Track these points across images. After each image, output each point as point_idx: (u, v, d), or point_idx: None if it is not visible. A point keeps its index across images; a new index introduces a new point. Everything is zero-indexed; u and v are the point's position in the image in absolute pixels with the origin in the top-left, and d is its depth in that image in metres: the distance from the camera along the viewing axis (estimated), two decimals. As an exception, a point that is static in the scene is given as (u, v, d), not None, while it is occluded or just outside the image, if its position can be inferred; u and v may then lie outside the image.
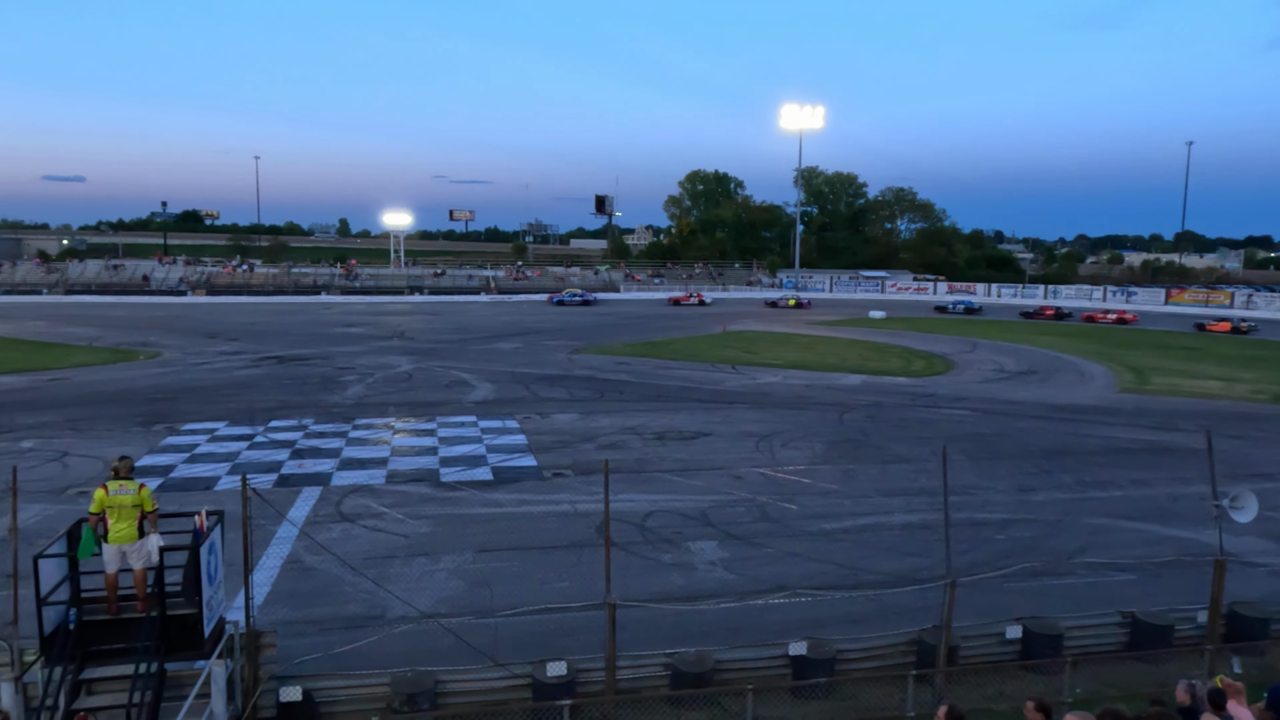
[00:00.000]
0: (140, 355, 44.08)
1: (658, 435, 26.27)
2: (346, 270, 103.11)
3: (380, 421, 28.05)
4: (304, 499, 19.58)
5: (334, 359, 42.92)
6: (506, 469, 22.30)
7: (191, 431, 26.14)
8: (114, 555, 8.95)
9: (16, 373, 37.69)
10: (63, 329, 56.18)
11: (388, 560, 15.81)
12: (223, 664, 9.10)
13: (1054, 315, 76.81)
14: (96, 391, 33.17)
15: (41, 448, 23.92)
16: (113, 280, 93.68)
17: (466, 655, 11.12)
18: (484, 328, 61.35)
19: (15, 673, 8.79)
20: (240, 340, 51.13)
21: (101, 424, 27.15)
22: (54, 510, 18.06)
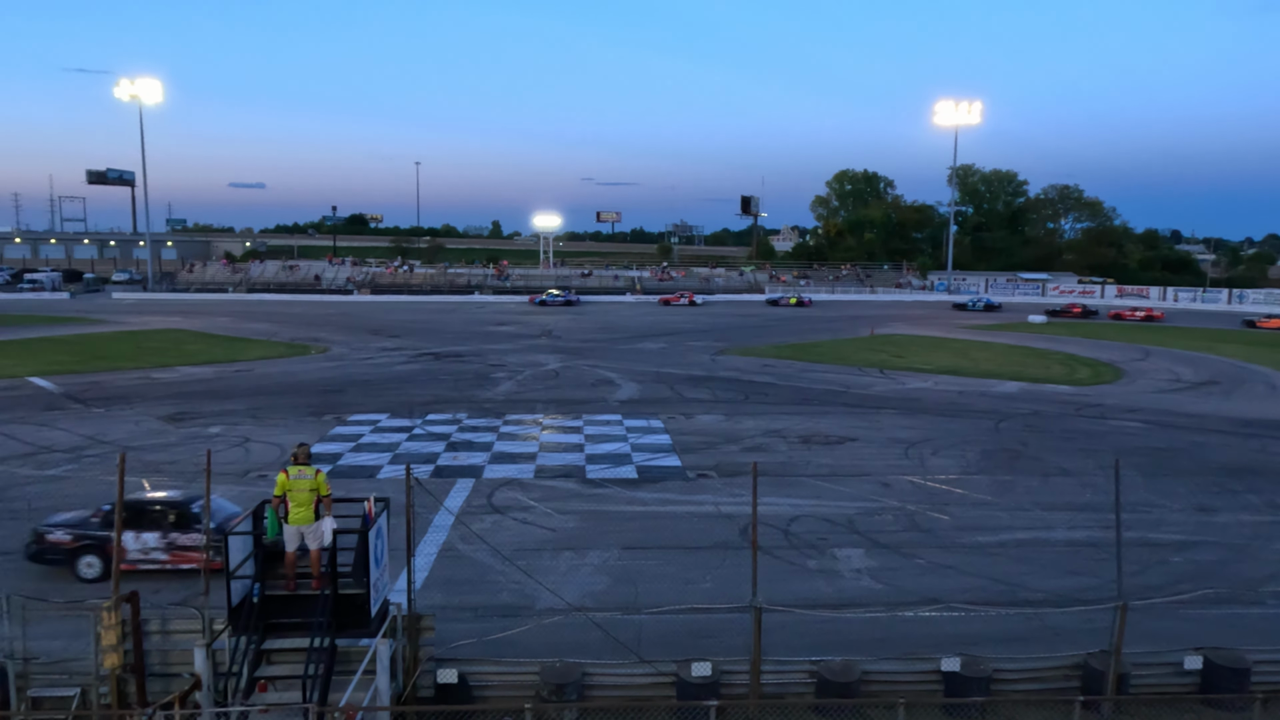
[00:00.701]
0: (312, 350, 47.13)
1: (803, 439, 25.89)
2: (498, 271, 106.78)
3: (529, 418, 28.90)
4: (458, 490, 20.41)
5: (486, 356, 44.54)
6: (651, 468, 22.52)
7: (357, 422, 27.73)
8: (293, 535, 9.61)
9: (205, 364, 41.08)
10: (245, 325, 60.74)
11: (536, 552, 16.27)
12: (387, 643, 9.61)
13: (1080, 313, 76.45)
14: (273, 383, 35.70)
15: (226, 433, 25.96)
16: (288, 280, 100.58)
17: (612, 650, 11.30)
18: (629, 327, 62.17)
19: (206, 639, 9.57)
20: (400, 337, 53.81)
21: (278, 413, 29.20)
22: (237, 491, 19.53)
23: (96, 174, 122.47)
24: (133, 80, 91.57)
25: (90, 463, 22.65)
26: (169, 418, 28.39)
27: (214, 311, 72.55)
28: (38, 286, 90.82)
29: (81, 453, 23.71)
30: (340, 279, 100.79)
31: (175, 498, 15.73)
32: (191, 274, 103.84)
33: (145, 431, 26.29)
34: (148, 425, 27.25)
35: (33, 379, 35.85)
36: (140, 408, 30.05)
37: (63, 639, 11.16)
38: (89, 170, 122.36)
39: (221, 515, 14.74)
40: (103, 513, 15.02)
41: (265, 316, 67.79)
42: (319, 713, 8.30)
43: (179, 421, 27.85)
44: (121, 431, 26.26)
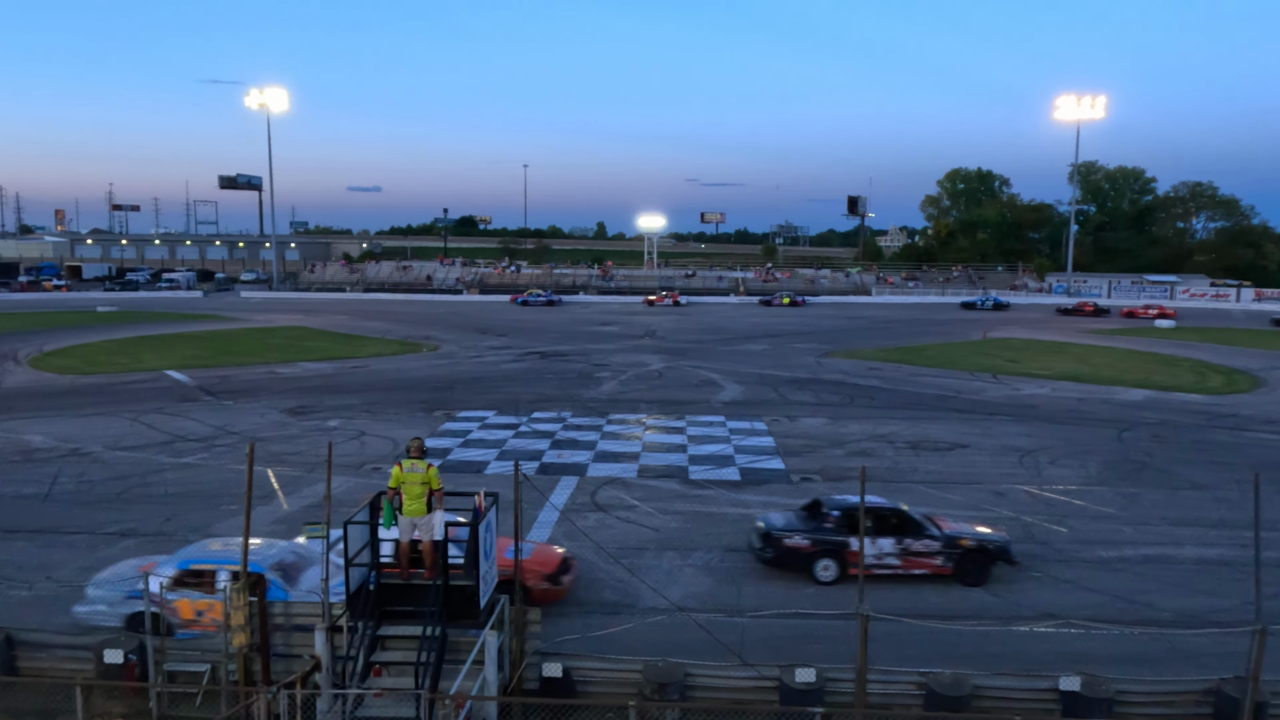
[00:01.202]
0: (423, 348, 48.68)
1: (911, 444, 25.24)
2: (603, 271, 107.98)
3: (632, 417, 29.09)
4: (562, 487, 20.71)
5: (590, 356, 45.08)
6: (754, 470, 22.36)
7: (465, 419, 28.48)
8: (406, 526, 9.94)
9: (324, 360, 42.94)
10: (361, 323, 63.20)
11: (639, 551, 16.36)
12: (495, 635, 9.84)
13: (1093, 312, 78.11)
14: (387, 379, 37.02)
15: (344, 427, 27.05)
16: (402, 280, 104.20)
17: (714, 651, 11.26)
18: (732, 329, 61.90)
19: (326, 624, 10.00)
20: (507, 336, 55.01)
21: (391, 408, 30.26)
22: (354, 482, 20.34)
23: (228, 179, 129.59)
24: (261, 90, 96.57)
25: (220, 451, 23.97)
26: (291, 411, 29.78)
27: (333, 310, 75.77)
28: (174, 285, 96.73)
29: (212, 442, 25.10)
30: (450, 279, 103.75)
31: (896, 507, 15.71)
32: (313, 274, 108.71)
33: (269, 423, 27.65)
34: (271, 417, 28.65)
35: (170, 372, 38.19)
36: (265, 401, 31.62)
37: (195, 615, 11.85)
38: (221, 176, 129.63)
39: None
40: (833, 519, 15.29)
41: (380, 315, 70.36)
42: (430, 699, 8.55)
43: (300, 414, 29.18)
44: (248, 423, 27.69)
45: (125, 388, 34.38)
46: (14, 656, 11.52)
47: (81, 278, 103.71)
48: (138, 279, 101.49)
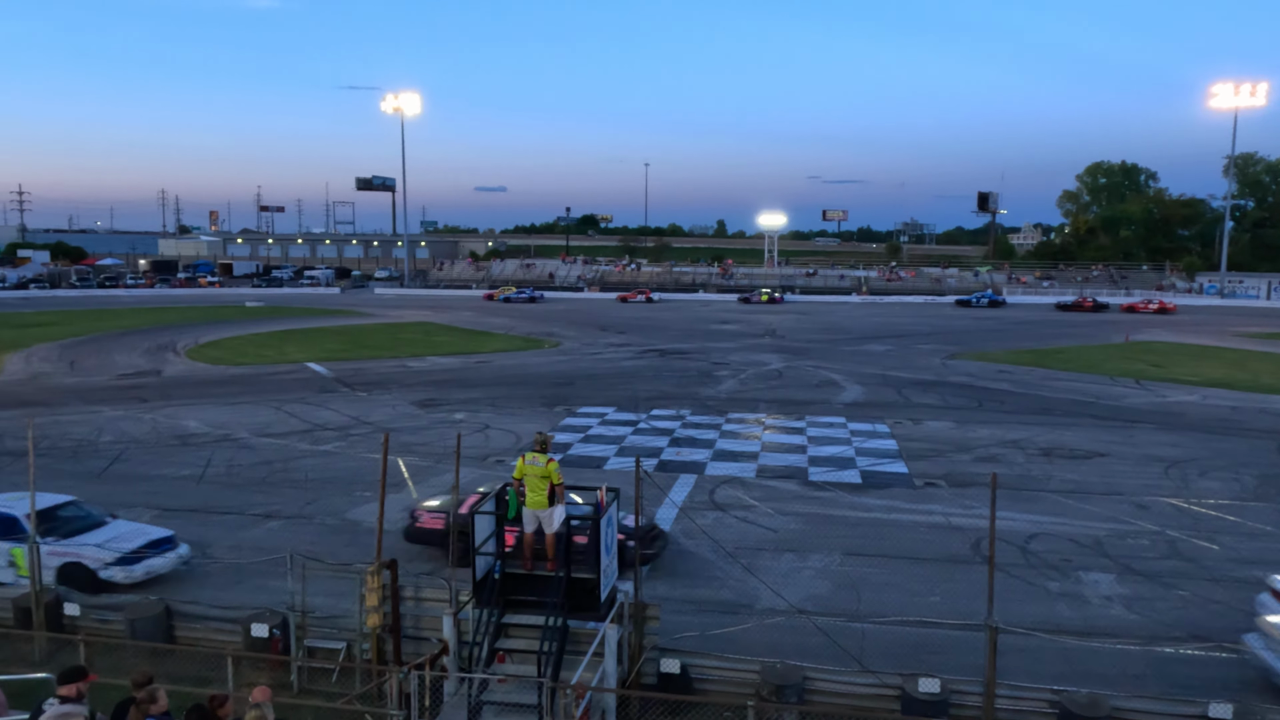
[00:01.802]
0: (545, 344, 49.74)
1: (1044, 451, 24.14)
2: (723, 269, 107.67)
3: (751, 417, 28.91)
4: (680, 485, 20.78)
5: (709, 354, 45.03)
6: (876, 474, 21.86)
7: (585, 414, 28.94)
8: (529, 518, 10.19)
9: (451, 355, 44.45)
10: (485, 319, 65.12)
11: (757, 552, 16.24)
12: (615, 628, 9.98)
13: (1091, 307, 76.01)
14: (510, 374, 38.01)
15: (469, 420, 27.93)
16: (525, 277, 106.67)
17: (834, 656, 11.08)
18: (854, 328, 60.66)
19: (453, 609, 10.37)
20: (627, 334, 55.57)
21: (514, 403, 31.05)
22: (478, 474, 20.96)
23: (364, 181, 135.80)
24: (396, 95, 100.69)
25: (355, 440, 25.15)
26: (420, 403, 30.96)
27: (458, 306, 78.31)
28: (314, 282, 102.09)
29: (348, 431, 26.36)
30: (572, 277, 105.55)
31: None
32: (441, 271, 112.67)
33: (400, 415, 28.83)
34: (402, 409, 29.87)
35: (310, 364, 40.33)
36: (396, 393, 32.99)
37: (332, 597, 12.50)
38: (358, 178, 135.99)
39: None
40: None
41: (504, 312, 72.27)
42: (552, 688, 8.75)
43: (428, 407, 30.30)
44: (381, 414, 28.95)
45: (270, 378, 36.51)
46: (172, 626, 12.42)
47: (232, 274, 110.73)
48: (282, 276, 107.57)
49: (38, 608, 12.50)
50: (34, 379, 36.24)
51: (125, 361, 41.21)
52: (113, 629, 12.44)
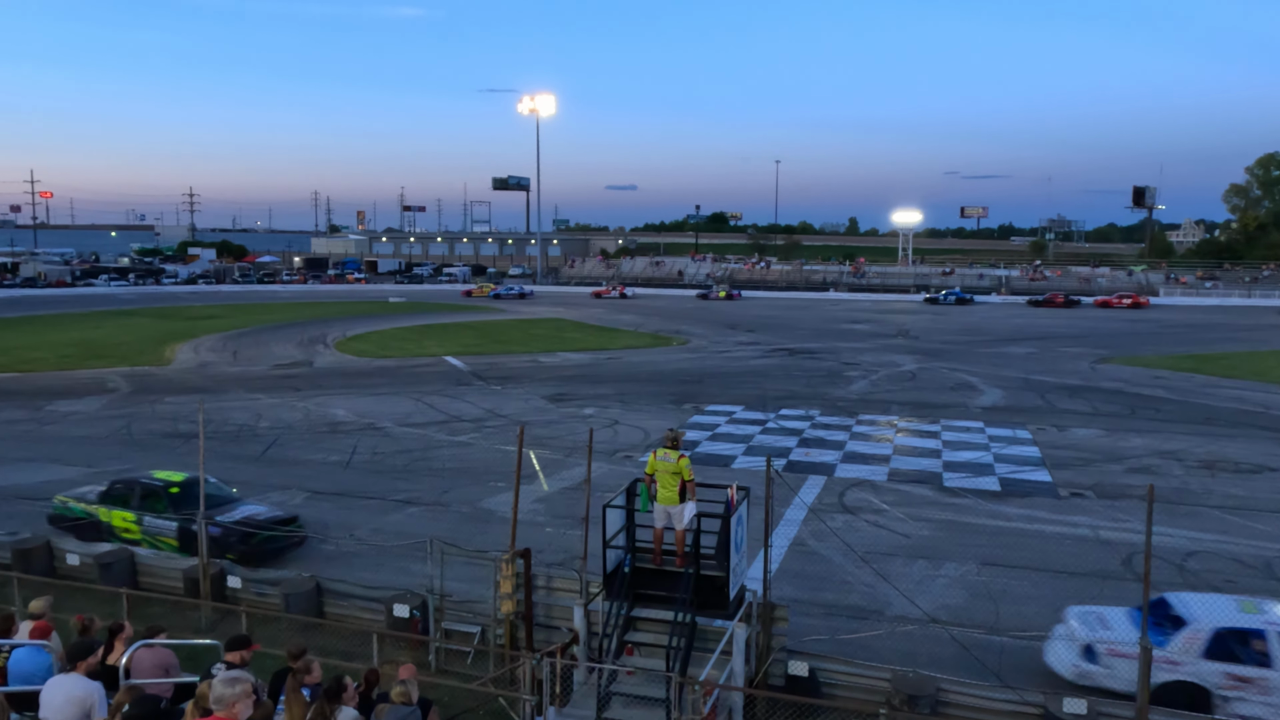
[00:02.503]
0: (673, 341, 49.97)
1: (1204, 464, 22.52)
2: (855, 268, 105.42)
3: (883, 419, 28.19)
4: (809, 486, 20.48)
5: (839, 354, 44.18)
6: (1016, 481, 20.93)
7: (713, 412, 28.91)
8: (660, 514, 10.27)
9: (581, 351, 45.26)
10: (614, 316, 65.95)
11: (888, 558, 15.84)
12: (743, 627, 9.95)
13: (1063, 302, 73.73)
14: (639, 371, 38.38)
15: (598, 415, 28.37)
16: (654, 275, 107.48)
17: (970, 669, 10.69)
18: (993, 329, 58.22)
19: (583, 600, 10.57)
20: (756, 332, 55.17)
21: (642, 399, 31.33)
22: (607, 469, 21.27)
23: (500, 181, 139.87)
24: (532, 97, 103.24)
25: (489, 432, 25.96)
26: (551, 397, 31.67)
27: (590, 303, 79.62)
28: (452, 279, 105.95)
29: (483, 423, 27.24)
30: (700, 275, 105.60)
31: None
32: (572, 269, 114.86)
33: (532, 408, 29.57)
34: (534, 403, 30.63)
35: (448, 358, 41.90)
36: (528, 387, 33.86)
37: (467, 583, 12.96)
38: (494, 178, 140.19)
39: None
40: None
41: (632, 309, 73.02)
42: (680, 683, 8.79)
43: (559, 401, 30.96)
44: (513, 407, 29.78)
45: (411, 371, 38.14)
46: (322, 603, 13.17)
47: (377, 271, 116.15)
48: (422, 273, 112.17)
49: (204, 579, 13.50)
50: (202, 367, 39.09)
51: (281, 352, 43.91)
52: (269, 602, 13.30)
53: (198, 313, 65.32)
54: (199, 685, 6.05)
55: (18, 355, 41.86)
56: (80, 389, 32.79)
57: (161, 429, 26.27)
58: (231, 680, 5.11)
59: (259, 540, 14.93)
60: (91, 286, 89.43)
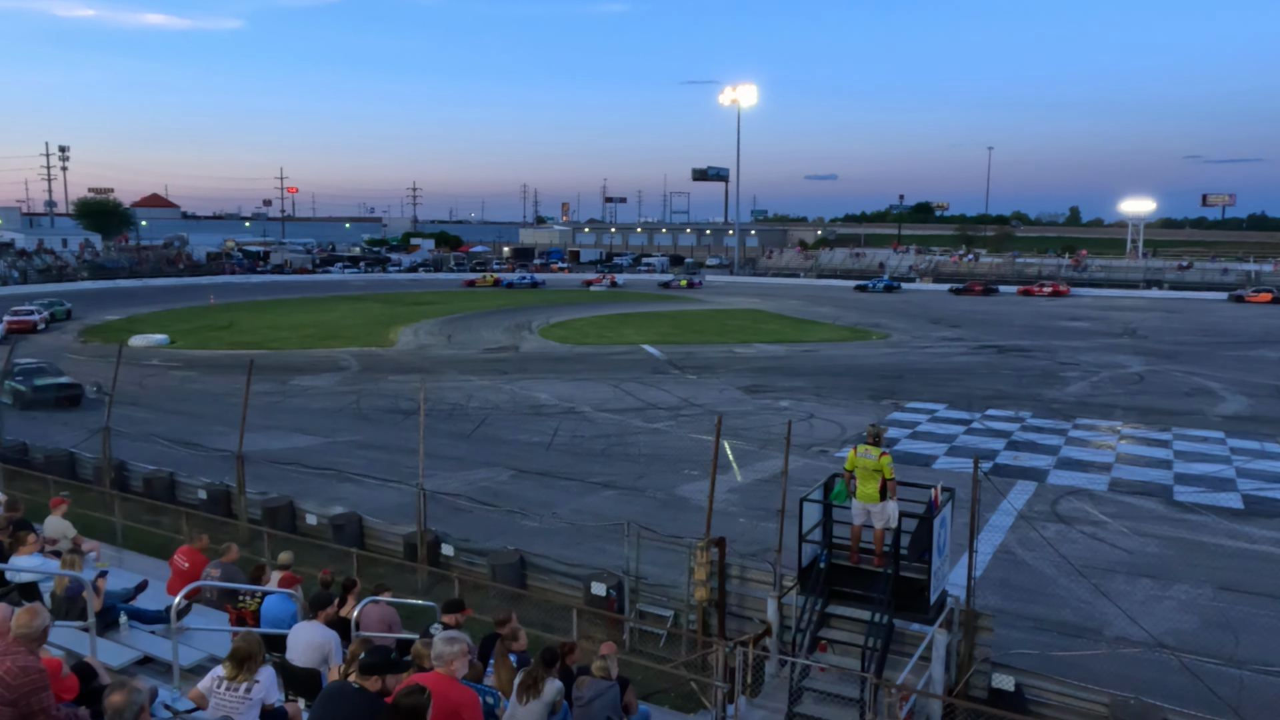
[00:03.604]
0: (872, 335, 48.53)
1: None
2: (1075, 261, 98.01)
3: (1104, 424, 26.13)
4: (1017, 492, 19.34)
5: (1055, 353, 41.31)
6: (1264, 500, 18.80)
7: (914, 410, 27.87)
8: (859, 511, 10.04)
9: (777, 342, 44.88)
10: (812, 308, 64.87)
11: (1107, 573, 14.69)
12: (944, 633, 9.55)
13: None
14: (836, 365, 37.58)
15: (794, 408, 28.04)
16: (854, 267, 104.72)
17: (1202, 701, 9.73)
18: (1239, 331, 52.39)
19: (777, 592, 10.52)
20: (961, 327, 52.57)
21: (839, 394, 30.68)
22: (801, 462, 21.01)
23: (699, 172, 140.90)
24: (734, 87, 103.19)
25: (684, 421, 26.31)
26: (746, 389, 31.64)
27: (786, 294, 78.77)
28: (650, 269, 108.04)
29: (678, 412, 27.64)
30: (903, 267, 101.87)
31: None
32: (769, 260, 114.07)
33: (727, 399, 29.66)
34: (729, 394, 30.72)
35: (645, 346, 42.79)
36: (723, 377, 33.99)
37: (660, 567, 13.23)
38: (693, 169, 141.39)
39: None
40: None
41: (830, 301, 71.54)
42: (875, 685, 8.58)
43: (754, 393, 30.88)
44: (708, 396, 30.00)
45: (609, 358, 39.27)
46: (525, 575, 13.86)
47: (579, 261, 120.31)
48: (622, 263, 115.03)
49: (421, 545, 14.56)
50: (420, 350, 42.05)
51: (490, 337, 46.46)
52: (478, 571, 14.15)
53: (419, 299, 70.25)
54: (416, 643, 6.55)
55: (267, 334, 46.77)
56: (318, 366, 36.20)
57: (385, 405, 28.52)
58: (451, 639, 5.48)
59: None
60: (328, 273, 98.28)
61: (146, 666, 7.70)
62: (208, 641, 8.25)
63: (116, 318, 53.69)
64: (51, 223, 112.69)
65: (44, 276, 77.83)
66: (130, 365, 27.29)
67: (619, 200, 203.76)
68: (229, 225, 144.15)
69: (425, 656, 5.89)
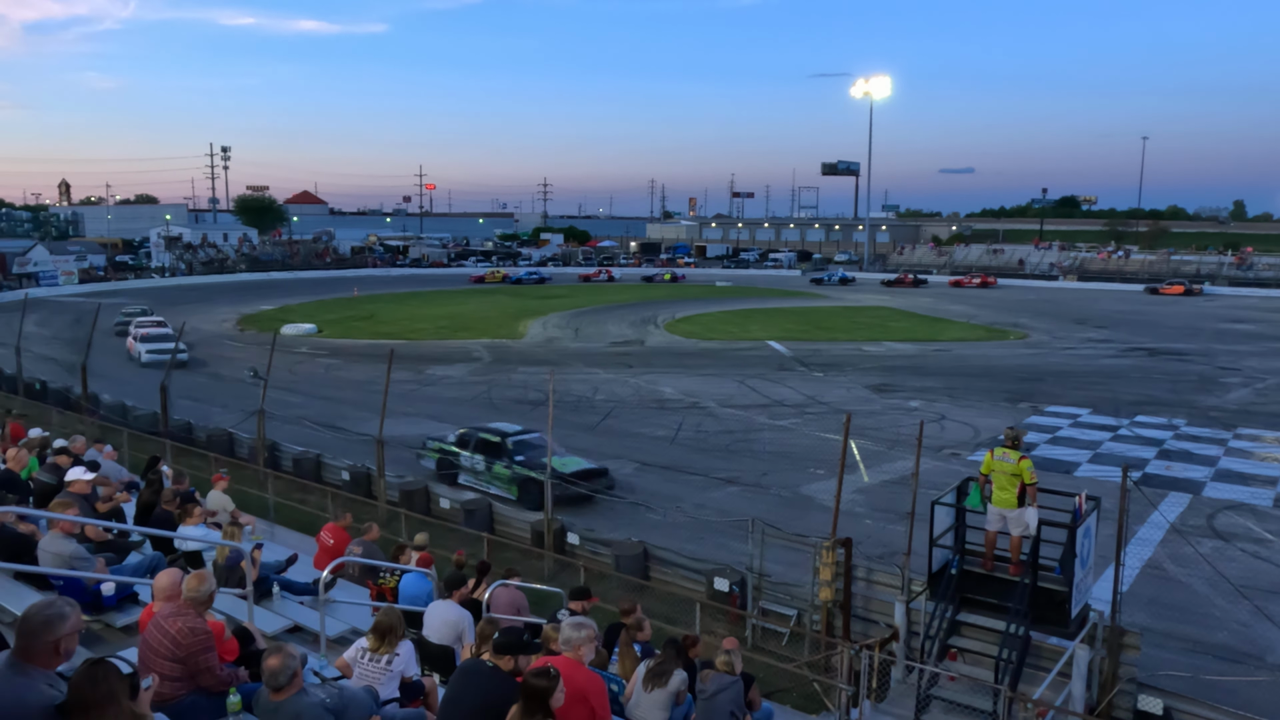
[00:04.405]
0: (1010, 335, 46.51)
1: None
2: (1239, 259, 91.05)
3: (1270, 434, 24.22)
4: (1168, 504, 18.17)
5: (1215, 357, 38.53)
6: None
7: (1054, 414, 26.58)
8: (994, 516, 9.64)
9: (908, 341, 43.62)
10: (944, 306, 62.67)
11: (1271, 595, 13.63)
12: (1085, 649, 9.09)
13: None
14: (970, 365, 36.21)
15: (924, 409, 27.19)
16: (991, 263, 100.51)
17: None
18: None
19: (905, 597, 10.25)
20: (1109, 329, 49.71)
21: (972, 395, 29.57)
22: (931, 465, 20.32)
23: (829, 166, 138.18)
24: (867, 79, 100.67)
25: (810, 419, 25.94)
26: (874, 387, 30.91)
27: (918, 292, 76.41)
28: (777, 264, 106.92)
29: (803, 409, 27.27)
30: (1044, 264, 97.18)
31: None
32: (900, 256, 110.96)
33: (854, 398, 29.05)
34: (856, 392, 30.08)
35: (770, 342, 42.38)
36: (850, 375, 33.30)
37: (784, 565, 13.10)
38: (823, 163, 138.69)
39: None
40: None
41: (964, 299, 68.94)
42: (1010, 699, 8.25)
43: (882, 392, 30.13)
44: (834, 395, 29.47)
45: (734, 353, 39.09)
46: (647, 567, 14.00)
47: (705, 256, 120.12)
48: (748, 258, 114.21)
49: (548, 532, 14.92)
50: (548, 342, 42.99)
51: (616, 331, 47.03)
52: (602, 560, 14.38)
53: (546, 292, 71.78)
54: (545, 628, 6.72)
55: (405, 325, 48.84)
56: (451, 356, 37.55)
57: (515, 395, 29.32)
58: (579, 625, 5.60)
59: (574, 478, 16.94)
60: (462, 266, 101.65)
61: (295, 635, 8.19)
62: (351, 614, 8.70)
63: (270, 307, 57.21)
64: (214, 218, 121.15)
65: (206, 269, 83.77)
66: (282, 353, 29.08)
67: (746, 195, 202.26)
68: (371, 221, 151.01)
69: (553, 640, 6.03)
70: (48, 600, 3.72)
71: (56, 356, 33.81)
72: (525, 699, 4.54)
